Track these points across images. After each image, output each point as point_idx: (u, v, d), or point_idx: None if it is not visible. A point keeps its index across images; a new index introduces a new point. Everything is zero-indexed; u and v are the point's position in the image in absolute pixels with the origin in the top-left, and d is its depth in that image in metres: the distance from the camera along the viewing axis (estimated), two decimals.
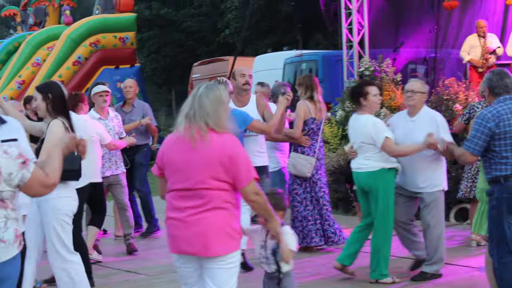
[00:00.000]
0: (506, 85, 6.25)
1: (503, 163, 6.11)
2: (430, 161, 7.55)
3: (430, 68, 14.67)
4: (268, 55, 23.06)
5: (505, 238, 6.10)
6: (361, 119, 7.62)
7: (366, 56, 13.66)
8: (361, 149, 7.62)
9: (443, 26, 15.14)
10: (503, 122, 6.08)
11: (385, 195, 7.53)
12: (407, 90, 7.69)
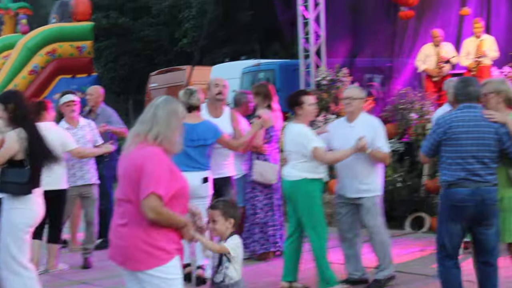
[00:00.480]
0: (468, 93, 6.32)
1: (448, 168, 6.24)
2: (368, 166, 7.56)
3: (386, 77, 14.78)
4: (225, 65, 23.07)
5: (444, 244, 6.29)
6: (293, 128, 7.61)
7: (323, 66, 13.73)
8: (289, 158, 7.62)
9: (399, 35, 15.27)
10: (452, 130, 6.20)
11: (305, 205, 7.46)
12: (345, 97, 7.69)
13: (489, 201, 6.16)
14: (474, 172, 6.13)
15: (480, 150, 6.15)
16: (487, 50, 13.81)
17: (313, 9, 13.84)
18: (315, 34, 13.94)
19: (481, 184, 6.13)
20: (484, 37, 13.97)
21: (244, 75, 18.11)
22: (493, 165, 6.19)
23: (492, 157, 6.18)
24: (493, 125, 6.17)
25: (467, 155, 6.15)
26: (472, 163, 6.14)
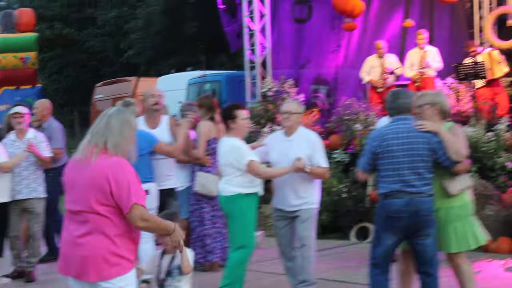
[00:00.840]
0: (398, 106, 6.44)
1: (383, 181, 6.35)
2: (306, 180, 7.53)
3: (331, 88, 14.89)
4: (171, 76, 22.99)
5: (376, 252, 6.43)
6: (227, 141, 7.54)
7: (269, 77, 13.78)
8: (224, 172, 7.55)
9: (344, 47, 15.41)
10: (385, 142, 6.31)
11: (239, 221, 7.41)
12: (284, 111, 7.61)
13: (424, 212, 6.26)
14: (409, 183, 6.24)
15: (414, 160, 6.26)
16: (431, 61, 14.01)
17: (258, 20, 13.90)
18: (260, 46, 13.99)
19: (416, 195, 6.23)
20: (427, 48, 14.17)
21: (190, 86, 18.08)
22: (428, 175, 6.30)
23: (426, 167, 6.29)
24: (425, 135, 6.29)
25: (402, 166, 6.26)
26: (407, 174, 6.25)
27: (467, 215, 6.61)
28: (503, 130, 11.16)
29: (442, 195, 6.48)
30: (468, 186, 6.60)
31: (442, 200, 6.45)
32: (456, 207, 6.52)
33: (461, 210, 6.55)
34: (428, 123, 6.37)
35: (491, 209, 10.41)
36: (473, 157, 10.99)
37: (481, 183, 10.72)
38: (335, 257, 10.20)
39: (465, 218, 6.59)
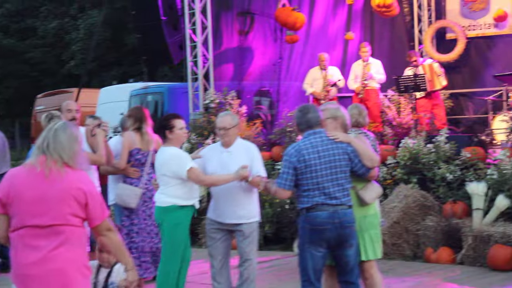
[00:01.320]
0: (308, 121, 6.47)
1: (305, 195, 6.37)
2: (247, 192, 7.47)
3: (274, 100, 14.94)
4: (113, 87, 22.80)
5: (306, 268, 6.42)
6: (166, 151, 7.46)
7: (211, 89, 13.77)
8: (161, 182, 7.47)
9: (286, 59, 15.49)
10: (304, 157, 6.34)
11: (170, 232, 7.37)
12: (219, 127, 7.48)
13: (347, 223, 6.33)
14: (331, 196, 6.30)
15: (335, 172, 6.34)
16: (374, 73, 14.16)
17: (200, 32, 13.89)
18: (203, 57, 13.97)
19: (339, 207, 6.30)
20: (371, 61, 14.31)
21: (132, 98, 17.95)
22: (348, 186, 6.40)
23: (346, 177, 6.39)
24: (341, 145, 6.39)
25: (323, 179, 6.31)
26: (329, 186, 6.31)
27: (378, 224, 6.85)
28: (442, 142, 11.32)
29: (356, 204, 6.60)
30: (380, 194, 6.83)
31: (357, 209, 6.55)
32: (370, 215, 6.73)
33: (374, 219, 6.78)
34: (339, 134, 6.48)
35: (431, 220, 10.54)
36: (414, 168, 11.18)
37: (421, 194, 10.86)
38: (278, 269, 10.21)
39: (377, 226, 6.82)
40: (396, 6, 14.86)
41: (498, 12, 15.63)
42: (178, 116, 7.76)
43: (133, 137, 8.81)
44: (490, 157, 11.00)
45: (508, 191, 9.92)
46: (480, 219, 9.98)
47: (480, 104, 15.65)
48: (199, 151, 7.90)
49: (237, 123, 7.65)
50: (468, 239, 9.88)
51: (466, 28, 16.63)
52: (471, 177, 10.70)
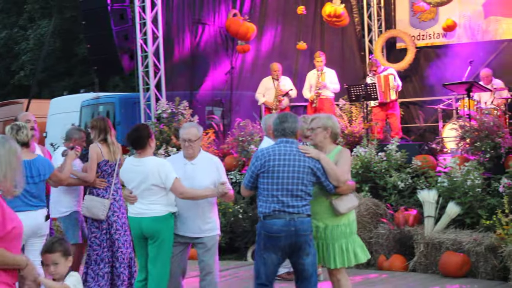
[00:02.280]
0: (283, 129, 6.66)
1: (265, 200, 6.52)
2: (210, 205, 7.46)
3: (226, 110, 14.94)
4: (64, 98, 22.61)
5: (259, 271, 6.57)
6: (148, 161, 7.37)
7: (163, 99, 13.70)
8: (149, 193, 7.33)
9: (237, 68, 15.50)
10: (268, 163, 6.52)
11: (168, 241, 7.34)
12: (185, 139, 7.43)
13: (302, 231, 6.45)
14: (288, 204, 6.43)
15: (294, 183, 6.46)
16: (328, 82, 14.24)
17: (152, 42, 13.83)
18: (154, 67, 13.90)
19: (295, 216, 6.42)
20: (325, 70, 14.40)
21: (83, 108, 17.80)
22: (307, 197, 6.52)
23: (305, 190, 6.51)
24: (307, 159, 6.52)
25: (282, 187, 6.47)
26: (286, 195, 6.45)
27: (352, 233, 6.90)
28: (393, 150, 11.41)
29: (330, 213, 6.74)
30: (355, 205, 6.88)
31: (330, 218, 6.71)
32: (342, 225, 6.79)
33: (347, 228, 6.82)
34: (312, 149, 6.64)
35: (383, 228, 10.61)
36: (365, 177, 11.25)
37: (373, 202, 10.93)
38: (232, 278, 10.19)
39: (350, 236, 6.86)
40: (346, 16, 14.97)
41: (446, 22, 15.85)
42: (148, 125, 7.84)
43: (100, 148, 8.73)
44: (441, 165, 11.12)
45: (459, 198, 10.04)
46: (431, 227, 10.07)
47: (430, 112, 15.85)
48: None
49: (202, 134, 7.65)
50: (420, 246, 9.96)
51: (416, 38, 16.85)
52: (422, 185, 10.80)
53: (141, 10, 13.90)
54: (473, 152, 10.63)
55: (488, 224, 9.59)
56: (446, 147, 13.00)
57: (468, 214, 10.05)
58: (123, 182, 7.72)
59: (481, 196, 10.05)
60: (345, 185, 6.70)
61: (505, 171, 10.11)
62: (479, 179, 10.07)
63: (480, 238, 9.53)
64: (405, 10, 17.20)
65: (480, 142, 10.48)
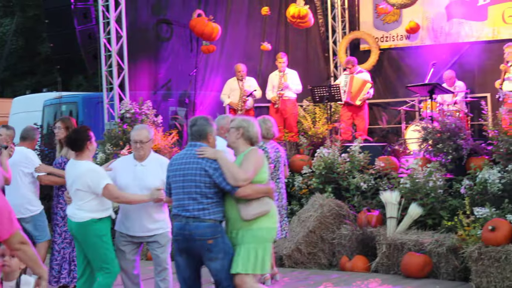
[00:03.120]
0: (192, 133, 6.63)
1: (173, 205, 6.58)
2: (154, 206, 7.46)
3: (190, 111, 14.89)
4: (27, 97, 22.41)
5: (177, 275, 6.60)
6: (81, 165, 7.37)
7: (127, 99, 13.62)
8: (76, 197, 7.37)
9: (202, 69, 15.46)
10: (170, 168, 6.62)
11: (94, 246, 7.34)
12: (135, 140, 7.47)
13: (198, 236, 6.32)
14: (184, 208, 6.40)
15: (188, 186, 6.42)
16: (291, 83, 14.28)
17: (115, 41, 13.74)
18: (118, 67, 13.82)
19: (191, 219, 6.35)
20: (287, 71, 14.44)
21: (46, 108, 17.65)
22: (204, 200, 6.37)
23: (201, 192, 6.38)
24: (201, 161, 6.41)
25: (179, 191, 6.46)
26: (183, 198, 6.43)
27: (265, 240, 6.51)
28: (356, 152, 11.47)
29: (238, 218, 6.46)
30: (265, 210, 6.46)
31: (241, 223, 6.43)
32: (255, 229, 6.42)
33: (259, 232, 6.43)
34: (209, 149, 6.49)
35: (346, 229, 10.66)
36: (329, 178, 11.30)
37: (336, 203, 10.97)
38: None
39: (263, 242, 6.46)
40: (310, 18, 15.01)
41: (410, 24, 15.97)
42: (89, 128, 7.74)
43: None
44: (403, 166, 11.19)
45: (421, 199, 10.11)
46: (393, 228, 10.14)
47: (393, 114, 15.94)
48: (110, 164, 7.82)
49: (152, 136, 7.64)
50: (382, 247, 10.02)
51: (379, 40, 16.95)
52: (384, 186, 10.87)
53: (104, 9, 13.81)
54: (435, 153, 10.71)
55: (449, 225, 9.67)
56: (409, 149, 13.09)
57: (430, 215, 10.12)
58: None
59: (443, 198, 10.13)
60: (250, 188, 6.36)
61: (467, 173, 10.21)
62: (441, 181, 10.16)
63: (442, 239, 9.61)
64: (369, 12, 17.30)
65: (442, 144, 10.56)
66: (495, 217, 9.07)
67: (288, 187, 11.68)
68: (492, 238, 8.79)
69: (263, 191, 6.45)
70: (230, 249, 6.39)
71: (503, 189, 9.64)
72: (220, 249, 6.34)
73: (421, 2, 15.59)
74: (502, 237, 8.76)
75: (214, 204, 6.39)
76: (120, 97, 13.77)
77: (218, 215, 6.41)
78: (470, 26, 15.77)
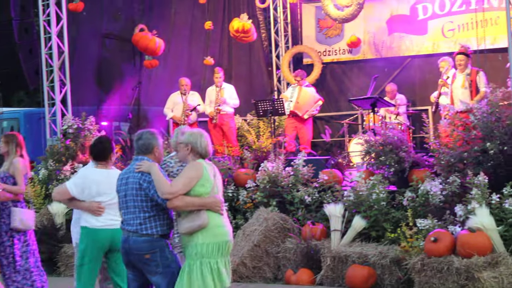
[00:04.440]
0: (137, 147, 6.66)
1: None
2: None
3: (133, 125, 14.82)
4: None
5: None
6: (115, 174, 7.30)
7: (69, 114, 13.50)
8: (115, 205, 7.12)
9: (145, 83, 15.41)
10: (118, 182, 6.65)
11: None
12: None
13: (135, 250, 6.36)
14: (126, 222, 6.46)
15: (129, 200, 6.46)
16: (228, 98, 14.30)
17: (57, 57, 13.61)
18: (60, 82, 13.69)
19: (130, 233, 6.40)
20: (224, 86, 14.46)
21: None
22: (141, 214, 6.40)
23: (139, 206, 6.41)
24: (136, 175, 6.45)
25: (123, 205, 6.52)
26: (126, 213, 6.49)
27: (201, 256, 6.36)
28: (300, 165, 11.51)
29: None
30: (197, 225, 6.33)
31: (184, 238, 6.43)
32: (192, 245, 6.36)
33: (194, 249, 6.35)
34: (145, 163, 6.50)
35: (291, 242, 10.68)
36: (273, 191, 11.32)
37: (281, 217, 10.99)
38: None
39: (198, 258, 6.34)
40: (253, 32, 15.07)
41: (351, 38, 16.14)
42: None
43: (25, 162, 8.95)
44: (347, 179, 11.27)
45: (364, 212, 10.18)
46: (338, 240, 10.19)
47: (336, 127, 16.07)
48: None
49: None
50: (327, 260, 10.06)
51: (322, 54, 17.08)
52: (328, 199, 10.91)
53: (46, 24, 13.68)
54: (378, 166, 10.81)
55: (392, 237, 9.76)
56: (352, 162, 13.19)
57: (374, 228, 10.19)
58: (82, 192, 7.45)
59: (386, 210, 10.21)
60: (179, 200, 6.26)
61: (409, 185, 10.32)
62: (384, 193, 10.24)
63: (385, 251, 9.69)
64: (311, 26, 17.43)
65: (385, 157, 10.67)
66: (437, 229, 9.18)
67: (233, 201, 11.70)
68: (434, 249, 8.90)
69: (197, 204, 6.33)
70: (171, 262, 6.38)
71: (444, 201, 9.77)
72: (158, 263, 6.34)
73: (363, 16, 15.77)
74: (444, 248, 8.87)
75: (152, 218, 6.39)
76: (62, 113, 13.64)
77: (157, 229, 6.39)
78: (411, 40, 16.00)
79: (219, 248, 6.40)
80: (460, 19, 15.51)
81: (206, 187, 6.40)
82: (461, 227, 9.05)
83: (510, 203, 9.00)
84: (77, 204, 7.52)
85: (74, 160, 12.82)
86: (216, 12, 16.97)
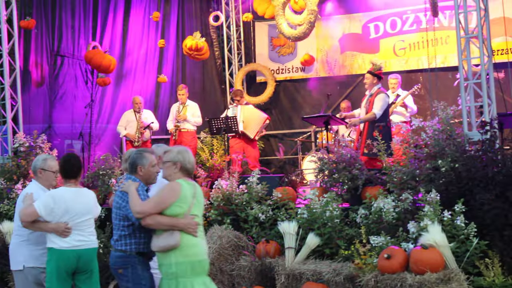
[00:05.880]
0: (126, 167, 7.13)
1: None
2: None
3: (86, 143, 14.71)
4: None
5: None
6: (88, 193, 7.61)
7: (21, 132, 13.35)
8: (87, 224, 7.36)
9: (98, 101, 15.32)
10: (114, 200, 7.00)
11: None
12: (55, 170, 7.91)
13: (112, 265, 6.73)
14: (112, 237, 6.80)
15: (113, 217, 6.80)
16: (190, 115, 14.29)
17: (8, 74, 13.47)
18: (11, 100, 13.55)
19: (111, 249, 6.76)
20: (188, 103, 14.46)
21: None
22: (119, 231, 6.69)
23: (118, 224, 6.73)
24: (119, 194, 6.70)
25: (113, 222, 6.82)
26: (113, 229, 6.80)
27: (175, 276, 6.44)
28: (254, 183, 11.52)
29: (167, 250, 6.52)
30: (169, 245, 6.44)
31: (159, 256, 6.53)
32: (165, 264, 6.45)
33: (168, 269, 6.44)
34: (127, 183, 6.69)
35: (245, 260, 10.66)
36: (227, 209, 11.31)
37: (235, 235, 10.97)
38: None
39: (173, 278, 6.43)
40: (207, 50, 15.10)
41: (304, 57, 16.27)
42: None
43: None
44: (301, 196, 11.30)
45: (318, 229, 10.21)
46: (292, 258, 10.19)
47: (290, 145, 16.14)
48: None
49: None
50: (281, 277, 10.05)
51: (275, 72, 17.17)
52: (282, 217, 10.92)
53: None
54: (332, 183, 10.86)
55: (346, 254, 9.80)
56: (306, 179, 13.24)
57: (328, 245, 10.22)
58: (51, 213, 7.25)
59: (340, 227, 10.25)
60: (151, 219, 6.40)
61: (362, 202, 10.38)
62: (337, 210, 10.29)
63: (339, 268, 9.72)
64: (264, 44, 17.52)
65: (338, 174, 10.73)
66: (390, 245, 9.23)
67: None
68: (387, 266, 8.95)
69: (169, 224, 6.40)
70: (142, 279, 6.58)
71: (397, 218, 9.83)
72: (129, 279, 6.57)
73: (315, 35, 15.90)
74: (397, 265, 8.93)
75: (127, 236, 6.62)
76: (13, 131, 13.49)
77: (131, 246, 6.63)
78: (363, 59, 16.18)
79: (193, 268, 6.45)
80: (411, 38, 15.75)
81: (183, 208, 6.48)
82: (414, 244, 9.12)
83: (461, 220, 9.10)
84: (42, 226, 7.25)
85: (25, 178, 12.67)
86: (169, 30, 16.97)
